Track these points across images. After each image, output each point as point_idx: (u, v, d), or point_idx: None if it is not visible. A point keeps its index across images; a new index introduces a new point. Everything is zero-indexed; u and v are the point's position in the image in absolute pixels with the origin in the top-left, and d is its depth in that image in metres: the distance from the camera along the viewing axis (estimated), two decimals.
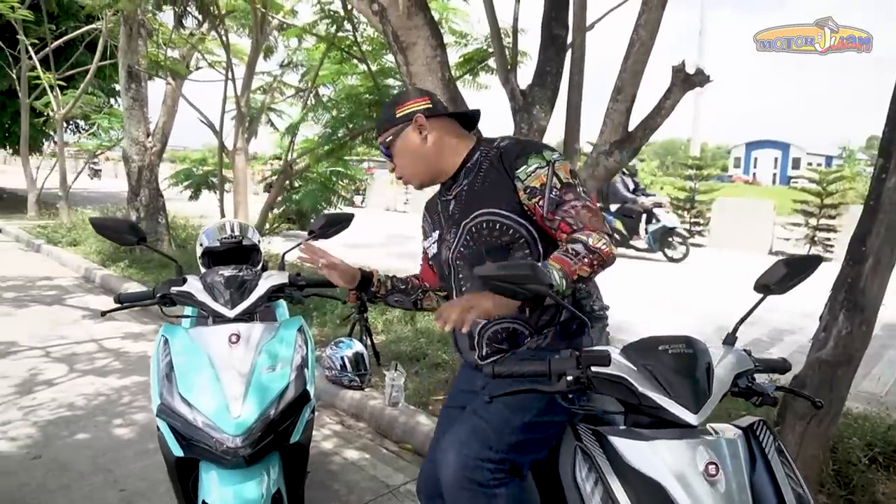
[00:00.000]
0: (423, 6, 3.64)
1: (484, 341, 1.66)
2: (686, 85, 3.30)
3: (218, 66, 7.21)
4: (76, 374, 4.32)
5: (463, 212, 1.66)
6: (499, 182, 1.60)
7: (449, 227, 1.71)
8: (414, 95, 1.74)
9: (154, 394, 1.78)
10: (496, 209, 1.59)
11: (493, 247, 1.59)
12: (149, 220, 8.29)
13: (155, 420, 1.82)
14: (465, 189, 1.69)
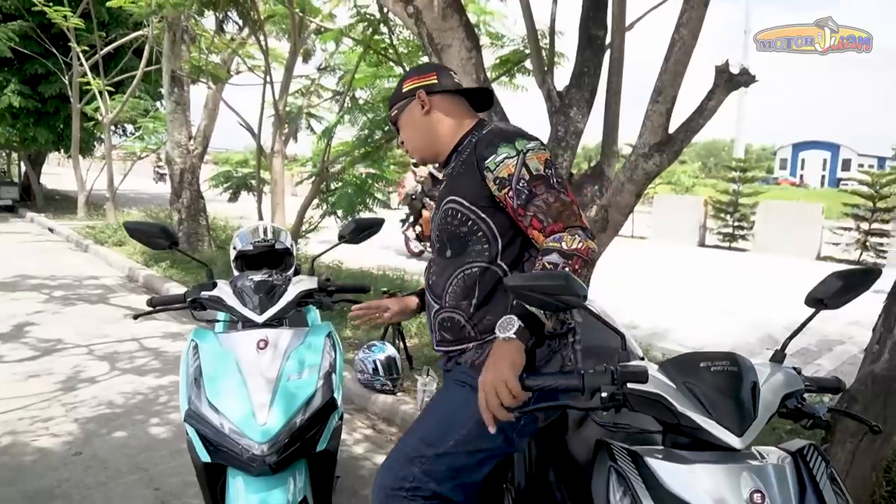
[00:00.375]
0: (459, 8, 3.61)
1: (436, 325, 1.64)
2: (730, 85, 3.17)
3: (257, 71, 7.32)
4: (117, 372, 4.43)
5: (442, 196, 1.65)
6: (468, 171, 1.56)
7: (436, 209, 1.69)
8: (422, 71, 1.72)
9: (182, 398, 1.78)
10: (459, 198, 1.56)
11: (452, 236, 1.58)
12: (190, 220, 8.48)
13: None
14: (449, 173, 1.66)
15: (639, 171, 3.38)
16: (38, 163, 16.29)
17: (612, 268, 3.74)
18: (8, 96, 11.99)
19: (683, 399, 1.14)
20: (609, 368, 1.22)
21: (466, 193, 1.55)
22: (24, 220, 13.83)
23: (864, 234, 10.80)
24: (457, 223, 1.56)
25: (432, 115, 1.66)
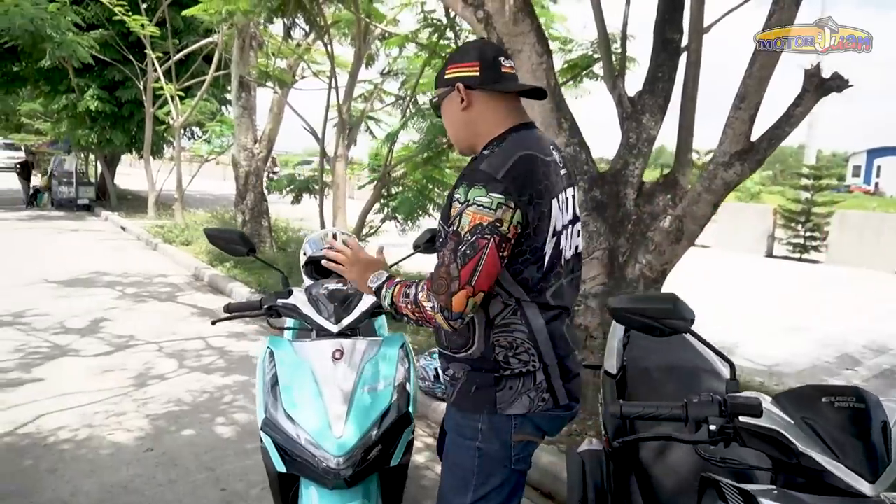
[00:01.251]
0: (530, 12, 3.54)
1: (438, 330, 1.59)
2: (821, 91, 2.98)
3: (322, 76, 7.45)
4: (185, 370, 4.55)
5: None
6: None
7: None
8: (465, 56, 1.55)
9: (259, 407, 1.78)
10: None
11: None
12: (253, 222, 8.70)
13: (257, 426, 1.82)
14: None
15: (718, 181, 3.22)
16: (113, 164, 17.13)
17: (673, 277, 3.58)
18: (87, 101, 12.65)
19: (804, 437, 1.04)
20: (716, 399, 1.13)
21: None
22: (100, 218, 14.56)
23: None
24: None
25: (471, 111, 1.52)
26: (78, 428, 3.51)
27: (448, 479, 1.57)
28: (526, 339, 1.48)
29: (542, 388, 1.50)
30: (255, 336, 5.49)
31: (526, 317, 1.48)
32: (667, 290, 2.00)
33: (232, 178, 8.97)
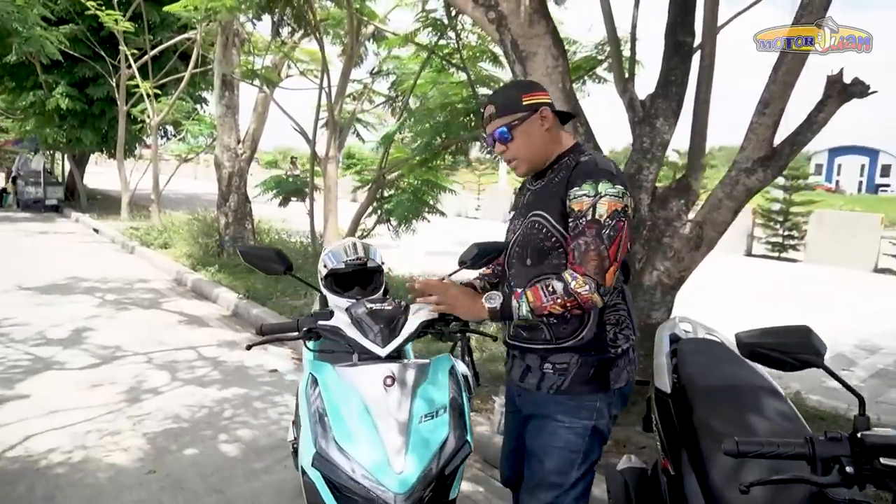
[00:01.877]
0: (546, 14, 3.45)
1: (512, 326, 1.83)
2: (843, 97, 2.96)
3: (310, 75, 7.26)
4: (178, 382, 4.35)
5: (529, 206, 1.81)
6: (558, 192, 1.71)
7: (518, 216, 1.87)
8: (536, 88, 1.84)
9: (307, 440, 1.64)
10: (546, 214, 1.73)
11: (535, 248, 1.74)
12: (237, 225, 8.45)
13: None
14: (542, 186, 1.81)
15: (739, 187, 3.19)
16: (82, 163, 16.55)
17: None
18: (56, 98, 12.18)
19: None
20: (845, 437, 1.04)
21: (553, 212, 1.72)
22: (70, 219, 14.05)
23: None
24: (541, 237, 1.73)
25: (552, 131, 1.77)
26: (71, 450, 3.31)
27: (551, 464, 1.74)
28: (626, 316, 1.79)
29: (634, 362, 1.81)
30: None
31: (624, 295, 1.80)
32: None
33: (203, 178, 8.73)
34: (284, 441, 3.49)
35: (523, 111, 1.74)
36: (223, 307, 6.61)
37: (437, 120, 5.44)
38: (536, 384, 1.77)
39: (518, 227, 1.83)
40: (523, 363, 1.82)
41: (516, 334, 1.83)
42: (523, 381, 1.83)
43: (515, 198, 2.00)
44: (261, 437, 3.57)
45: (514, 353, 1.88)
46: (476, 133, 5.57)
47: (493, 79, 5.61)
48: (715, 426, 1.73)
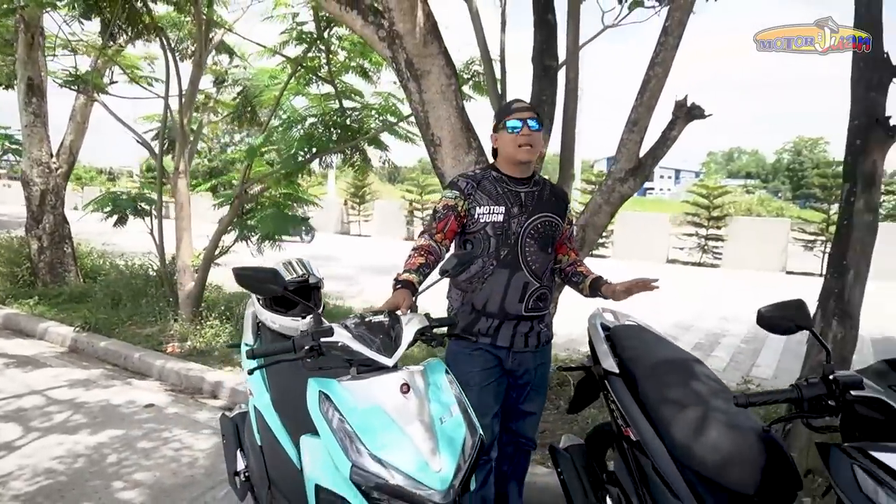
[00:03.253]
0: (438, 35, 3.66)
1: (532, 299, 2.37)
2: (688, 117, 3.60)
3: (143, 82, 6.65)
4: (37, 433, 3.77)
5: (536, 207, 2.39)
6: (557, 202, 2.48)
7: (522, 210, 2.36)
8: None
9: (337, 455, 1.63)
10: (554, 215, 2.44)
11: (551, 238, 2.44)
12: (53, 249, 7.40)
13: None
14: (536, 192, 2.41)
15: (615, 194, 3.70)
16: None
17: None
18: None
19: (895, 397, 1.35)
20: (820, 380, 1.40)
21: (558, 214, 2.45)
22: None
23: (703, 240, 12.51)
24: (552, 230, 2.43)
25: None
26: None
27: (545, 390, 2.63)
28: None
29: None
30: (105, 382, 4.74)
31: None
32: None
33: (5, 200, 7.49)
34: (194, 478, 3.26)
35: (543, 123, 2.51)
36: (55, 343, 5.78)
37: (304, 131, 5.36)
38: (536, 343, 2.44)
39: (526, 220, 2.35)
40: (531, 329, 2.41)
41: (535, 306, 2.39)
42: (527, 346, 2.42)
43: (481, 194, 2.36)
44: (164, 477, 3.27)
45: (528, 323, 2.41)
46: (343, 146, 5.60)
47: (357, 91, 5.69)
48: (665, 393, 2.07)
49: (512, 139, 2.33)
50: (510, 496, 2.64)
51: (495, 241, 2.34)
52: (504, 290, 2.35)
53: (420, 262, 2.22)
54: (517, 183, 2.39)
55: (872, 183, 3.65)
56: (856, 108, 3.76)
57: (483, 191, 2.37)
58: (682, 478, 1.92)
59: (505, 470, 2.61)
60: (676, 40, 3.42)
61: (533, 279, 2.37)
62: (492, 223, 2.34)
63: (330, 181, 23.39)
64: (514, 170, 2.40)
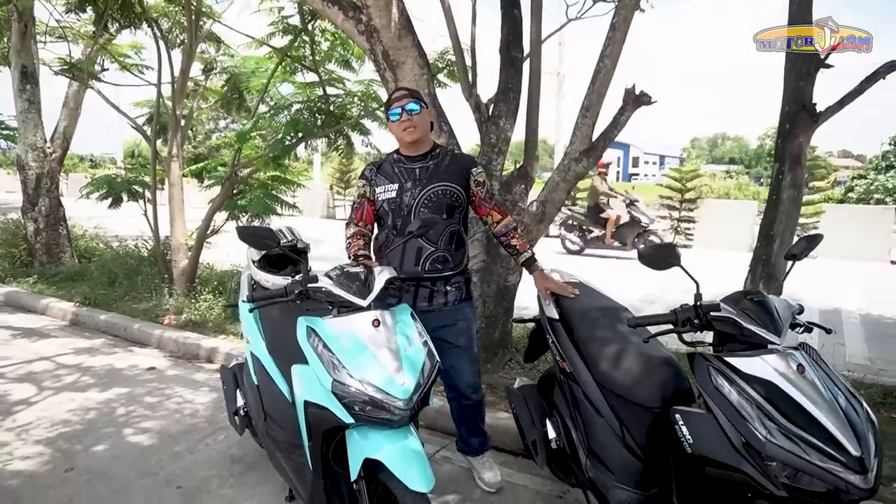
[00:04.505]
0: (412, 29, 4.05)
1: (428, 262, 2.64)
2: (637, 104, 4.03)
3: (135, 69, 6.95)
4: (49, 391, 4.16)
5: (430, 179, 2.65)
6: (457, 172, 2.70)
7: (416, 184, 2.65)
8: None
9: (321, 374, 2.05)
10: (452, 184, 2.67)
11: (447, 206, 2.64)
12: (49, 231, 7.72)
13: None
14: (431, 166, 2.69)
15: (571, 173, 4.13)
16: None
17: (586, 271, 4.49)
18: None
19: (746, 318, 1.80)
20: (692, 305, 1.85)
21: (456, 182, 2.68)
22: None
23: (676, 221, 13.03)
24: (450, 198, 2.65)
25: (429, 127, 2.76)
26: None
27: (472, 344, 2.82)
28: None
29: None
30: (107, 350, 5.12)
31: None
32: None
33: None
34: (196, 426, 3.68)
35: (424, 103, 2.70)
36: (57, 317, 6.14)
37: (290, 118, 5.72)
38: (444, 302, 2.71)
39: (419, 193, 2.63)
40: (434, 290, 2.67)
41: (433, 268, 2.65)
42: (431, 305, 2.69)
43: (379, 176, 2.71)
44: (169, 425, 3.68)
45: (427, 283, 2.66)
46: (328, 131, 5.97)
47: (340, 80, 6.06)
48: (594, 333, 2.52)
49: (396, 126, 2.65)
50: (467, 438, 2.98)
51: (391, 214, 2.66)
52: (401, 255, 2.64)
53: (361, 243, 2.64)
54: (412, 161, 2.69)
55: (798, 162, 4.13)
56: (787, 96, 4.23)
57: (382, 173, 2.72)
58: (605, 399, 2.38)
59: (457, 418, 2.98)
60: (623, 35, 3.84)
61: (427, 244, 2.63)
62: (387, 199, 2.66)
63: (316, 167, 23.63)
64: (408, 149, 2.71)
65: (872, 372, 4.49)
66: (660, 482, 2.20)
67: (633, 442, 2.27)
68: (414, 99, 2.65)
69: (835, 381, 1.76)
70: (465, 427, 2.99)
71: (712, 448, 1.76)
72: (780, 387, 1.68)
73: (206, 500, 2.87)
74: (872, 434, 1.63)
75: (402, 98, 2.65)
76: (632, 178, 70.16)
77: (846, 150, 73.54)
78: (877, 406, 3.77)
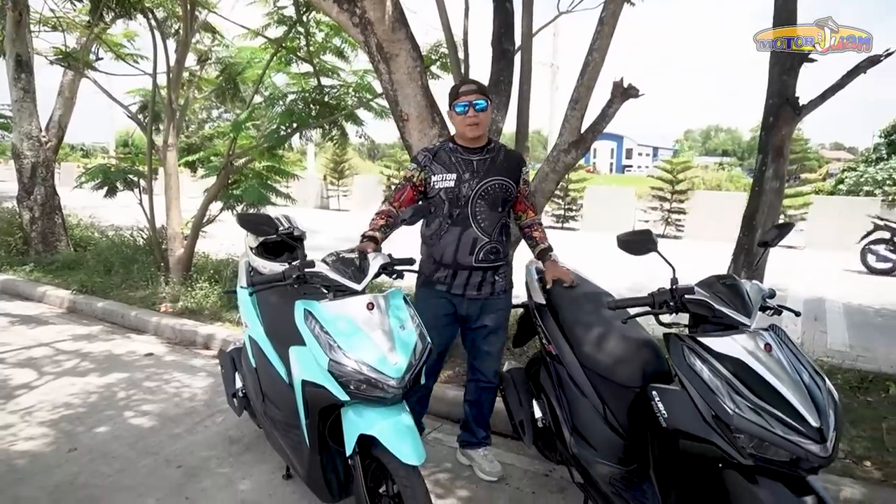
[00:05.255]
0: (405, 22, 4.12)
1: (482, 253, 2.73)
2: (624, 96, 4.13)
3: (129, 59, 6.99)
4: (50, 376, 4.25)
5: (487, 172, 2.72)
6: (510, 166, 2.79)
7: (473, 175, 2.71)
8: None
9: (318, 354, 2.15)
10: (508, 179, 2.76)
11: (502, 199, 2.73)
12: (45, 219, 7.77)
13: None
14: (488, 159, 2.76)
15: (560, 164, 4.23)
16: None
17: None
18: None
19: (719, 300, 1.92)
20: (668, 289, 1.96)
21: (510, 177, 2.78)
22: None
23: (667, 212, 13.18)
24: (504, 193, 2.75)
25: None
26: None
27: (502, 336, 2.96)
28: None
29: None
30: (105, 336, 5.21)
31: None
32: None
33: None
34: (195, 408, 3.78)
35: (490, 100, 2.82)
36: (54, 305, 6.21)
37: (285, 108, 5.80)
38: (490, 292, 2.81)
39: (477, 184, 2.69)
40: (483, 279, 2.77)
41: (485, 258, 2.74)
42: (480, 293, 2.79)
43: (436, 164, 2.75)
44: (168, 408, 3.78)
45: (480, 273, 2.77)
46: (322, 122, 6.05)
47: (335, 70, 6.12)
48: (579, 317, 2.63)
49: (461, 119, 2.69)
50: (473, 426, 3.06)
51: (448, 203, 2.71)
52: (456, 245, 2.72)
53: (381, 223, 2.70)
54: (470, 152, 2.74)
55: (781, 154, 4.25)
56: (771, 90, 4.35)
57: (438, 161, 2.75)
58: (588, 379, 2.50)
59: (469, 400, 3.06)
60: (611, 29, 3.93)
61: (482, 235, 2.72)
62: (445, 188, 2.71)
63: (310, 157, 23.64)
64: (466, 141, 2.76)
65: (851, 358, 4.64)
66: (639, 457, 2.32)
67: (615, 420, 2.39)
68: (483, 96, 2.69)
69: (800, 360, 1.88)
70: (474, 411, 3.07)
71: (685, 422, 1.88)
72: (749, 364, 1.80)
73: (205, 479, 2.97)
74: (833, 408, 1.75)
75: (470, 93, 2.68)
76: (625, 170, 70.40)
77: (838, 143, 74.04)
78: (853, 390, 3.92)
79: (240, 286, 3.25)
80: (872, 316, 6.48)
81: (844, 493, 2.72)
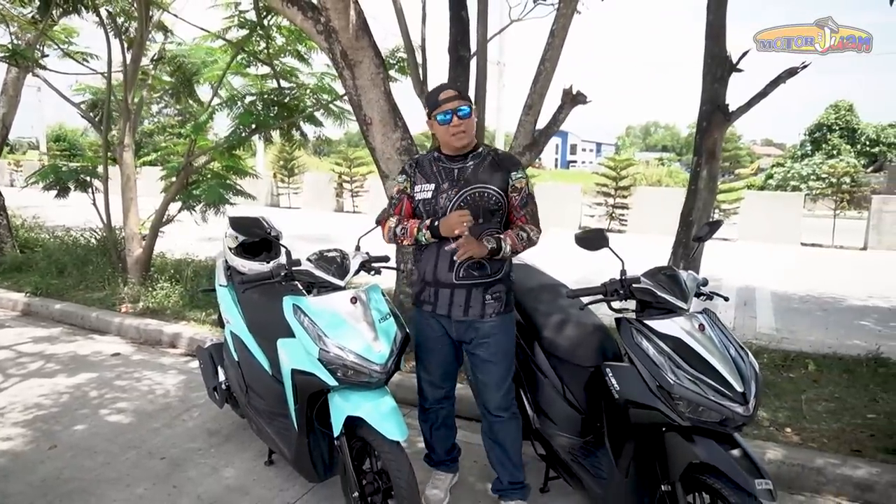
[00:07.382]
0: (368, 31, 4.32)
1: (462, 269, 2.44)
2: (574, 102, 4.46)
3: (79, 56, 6.89)
4: (16, 378, 4.26)
5: (468, 180, 2.45)
6: (498, 175, 2.46)
7: (452, 185, 2.46)
8: None
9: (308, 344, 2.35)
10: (493, 185, 2.45)
11: (483, 209, 2.42)
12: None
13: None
14: (471, 166, 2.48)
15: None
16: None
17: None
18: None
19: (661, 288, 2.24)
20: (618, 279, 2.27)
21: (496, 185, 2.46)
22: None
23: (611, 208, 13.79)
24: (488, 201, 2.43)
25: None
26: None
27: (504, 365, 2.56)
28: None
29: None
30: (67, 338, 5.20)
31: None
32: None
33: None
34: (170, 405, 3.90)
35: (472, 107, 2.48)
36: (7, 308, 6.12)
37: (244, 109, 5.88)
38: (480, 313, 2.48)
39: (455, 194, 2.44)
40: (469, 297, 2.47)
41: (467, 275, 2.45)
42: (467, 315, 2.49)
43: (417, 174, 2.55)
44: (143, 405, 3.88)
45: (463, 291, 2.48)
46: (282, 123, 6.16)
47: (294, 72, 6.24)
48: (538, 307, 2.93)
49: (444, 130, 2.44)
50: (499, 468, 2.71)
51: (426, 215, 2.50)
52: (435, 261, 2.50)
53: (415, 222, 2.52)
54: (452, 160, 2.51)
55: (713, 156, 4.68)
56: (704, 97, 4.77)
57: (420, 171, 2.56)
58: (548, 361, 2.79)
59: (484, 431, 2.73)
60: (561, 41, 4.26)
61: None
62: (423, 200, 2.50)
63: (259, 154, 23.29)
64: (450, 150, 2.52)
65: (776, 340, 5.14)
66: (595, 429, 2.63)
67: (573, 397, 2.70)
68: (465, 101, 2.45)
69: (728, 338, 2.22)
70: (496, 451, 2.69)
71: (634, 393, 2.19)
72: (686, 342, 2.13)
73: (190, 468, 3.12)
74: (754, 377, 2.09)
75: (452, 99, 2.43)
76: (570, 166, 72.13)
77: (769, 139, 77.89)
78: (777, 368, 4.38)
79: (218, 284, 3.40)
80: (797, 302, 7.09)
81: (769, 455, 3.12)
